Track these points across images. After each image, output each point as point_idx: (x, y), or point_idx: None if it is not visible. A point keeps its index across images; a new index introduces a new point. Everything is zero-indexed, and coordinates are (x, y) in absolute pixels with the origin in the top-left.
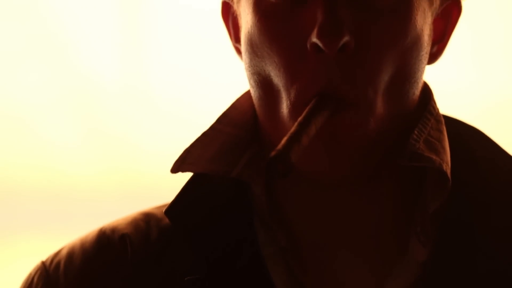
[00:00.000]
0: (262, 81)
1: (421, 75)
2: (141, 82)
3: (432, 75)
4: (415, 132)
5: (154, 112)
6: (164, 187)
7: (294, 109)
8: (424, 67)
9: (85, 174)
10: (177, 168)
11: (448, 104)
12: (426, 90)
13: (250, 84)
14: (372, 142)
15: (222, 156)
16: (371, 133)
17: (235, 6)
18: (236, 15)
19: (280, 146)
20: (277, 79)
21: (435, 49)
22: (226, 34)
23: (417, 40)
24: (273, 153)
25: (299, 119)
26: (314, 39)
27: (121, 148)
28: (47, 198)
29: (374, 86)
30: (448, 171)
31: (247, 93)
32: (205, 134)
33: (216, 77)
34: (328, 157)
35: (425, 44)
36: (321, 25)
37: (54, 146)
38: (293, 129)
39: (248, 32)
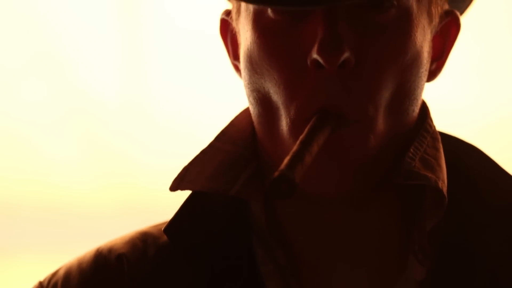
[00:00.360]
0: (261, 98)
1: (420, 92)
2: (140, 98)
3: (434, 92)
4: (411, 150)
5: (153, 128)
6: (163, 202)
7: (294, 126)
8: (423, 84)
9: (85, 189)
10: (176, 186)
11: (450, 121)
12: (423, 108)
13: (249, 101)
14: (372, 159)
15: (221, 174)
16: (371, 150)
17: (234, 24)
18: (235, 32)
19: (283, 166)
20: (277, 96)
21: (434, 66)
22: (224, 52)
23: (417, 57)
24: (276, 174)
25: (301, 137)
26: (315, 55)
27: (120, 164)
28: (46, 213)
29: (374, 103)
30: (444, 189)
31: (246, 111)
32: (203, 152)
33: (214, 94)
34: (329, 175)
35: (425, 61)
36: (321, 41)
37: (54, 162)
38: (295, 148)
39: (248, 49)
